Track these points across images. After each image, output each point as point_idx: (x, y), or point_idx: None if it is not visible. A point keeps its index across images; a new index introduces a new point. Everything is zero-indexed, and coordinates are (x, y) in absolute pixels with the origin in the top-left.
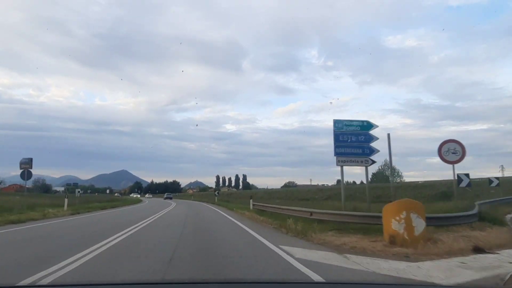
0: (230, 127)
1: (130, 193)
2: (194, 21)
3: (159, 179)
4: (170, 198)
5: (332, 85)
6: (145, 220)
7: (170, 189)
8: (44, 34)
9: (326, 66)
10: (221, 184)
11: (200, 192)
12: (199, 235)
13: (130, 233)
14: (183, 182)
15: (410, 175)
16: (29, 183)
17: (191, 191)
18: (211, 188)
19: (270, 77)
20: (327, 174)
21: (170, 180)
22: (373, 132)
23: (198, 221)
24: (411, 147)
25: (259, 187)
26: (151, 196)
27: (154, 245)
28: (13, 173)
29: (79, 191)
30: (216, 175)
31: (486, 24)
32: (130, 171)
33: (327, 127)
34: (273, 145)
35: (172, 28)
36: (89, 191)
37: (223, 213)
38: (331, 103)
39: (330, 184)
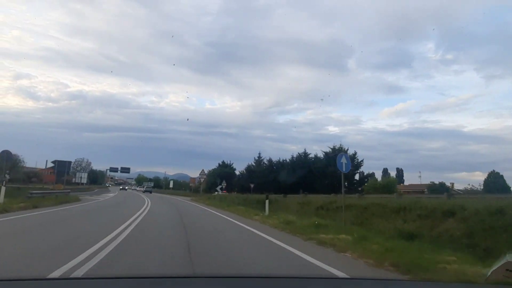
0: (332, 129)
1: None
2: (297, 22)
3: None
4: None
5: (450, 81)
6: None
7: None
8: (163, 46)
9: (445, 60)
10: None
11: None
12: None
13: None
14: None
15: None
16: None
17: None
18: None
19: (377, 75)
20: (440, 181)
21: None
22: None
23: None
24: None
25: None
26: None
27: None
28: (138, 169)
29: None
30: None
31: None
32: None
33: (442, 128)
34: (378, 147)
35: (276, 31)
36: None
37: None
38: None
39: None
